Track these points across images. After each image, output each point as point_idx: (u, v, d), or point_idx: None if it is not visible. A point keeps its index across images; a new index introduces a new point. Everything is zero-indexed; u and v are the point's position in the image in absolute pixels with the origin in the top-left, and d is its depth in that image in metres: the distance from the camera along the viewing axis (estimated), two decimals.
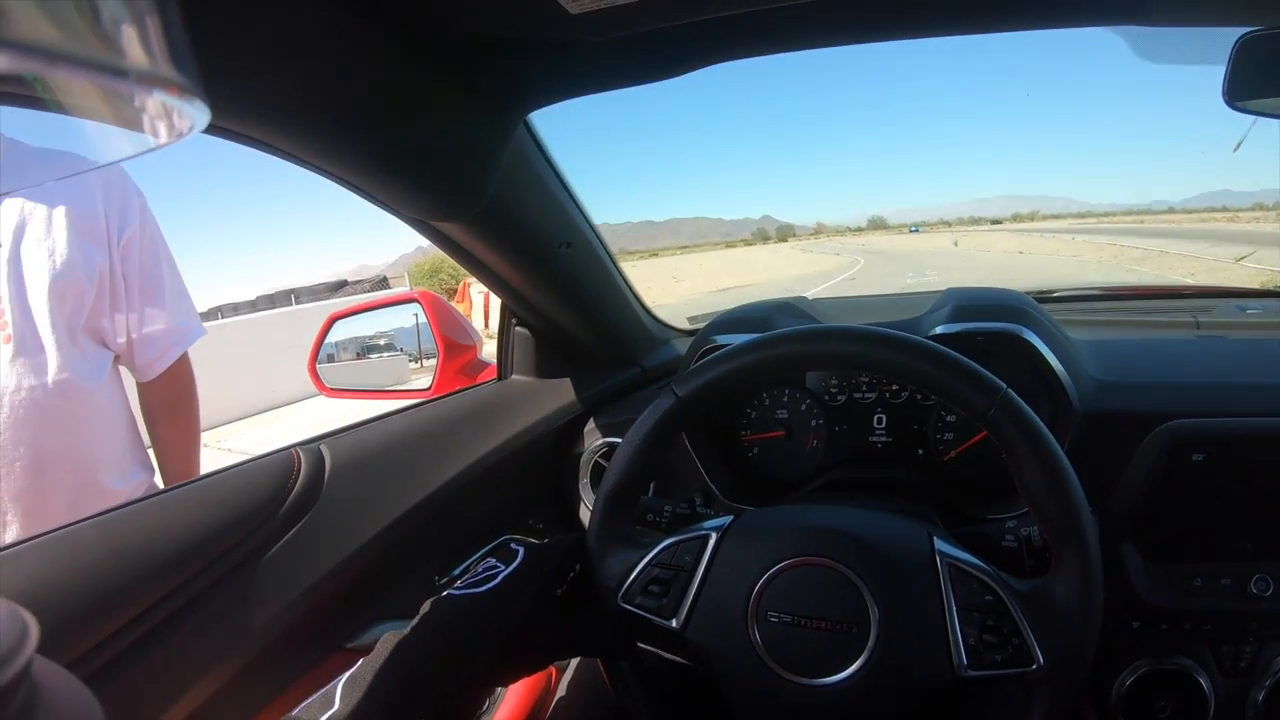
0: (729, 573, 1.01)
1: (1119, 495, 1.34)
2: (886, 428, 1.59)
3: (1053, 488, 0.92)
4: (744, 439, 1.66)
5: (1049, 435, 0.94)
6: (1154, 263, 24.46)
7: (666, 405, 1.07)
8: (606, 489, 1.09)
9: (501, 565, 1.04)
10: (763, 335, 1.05)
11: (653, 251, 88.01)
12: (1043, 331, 1.43)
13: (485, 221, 1.28)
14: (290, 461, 1.20)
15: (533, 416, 1.60)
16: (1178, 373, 1.53)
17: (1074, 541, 0.92)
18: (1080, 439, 1.39)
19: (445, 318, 1.81)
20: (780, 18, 1.04)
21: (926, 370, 0.98)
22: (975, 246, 44.57)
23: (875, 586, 0.94)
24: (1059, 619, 0.92)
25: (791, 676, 0.96)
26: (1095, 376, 1.46)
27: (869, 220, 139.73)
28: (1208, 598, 1.34)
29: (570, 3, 0.89)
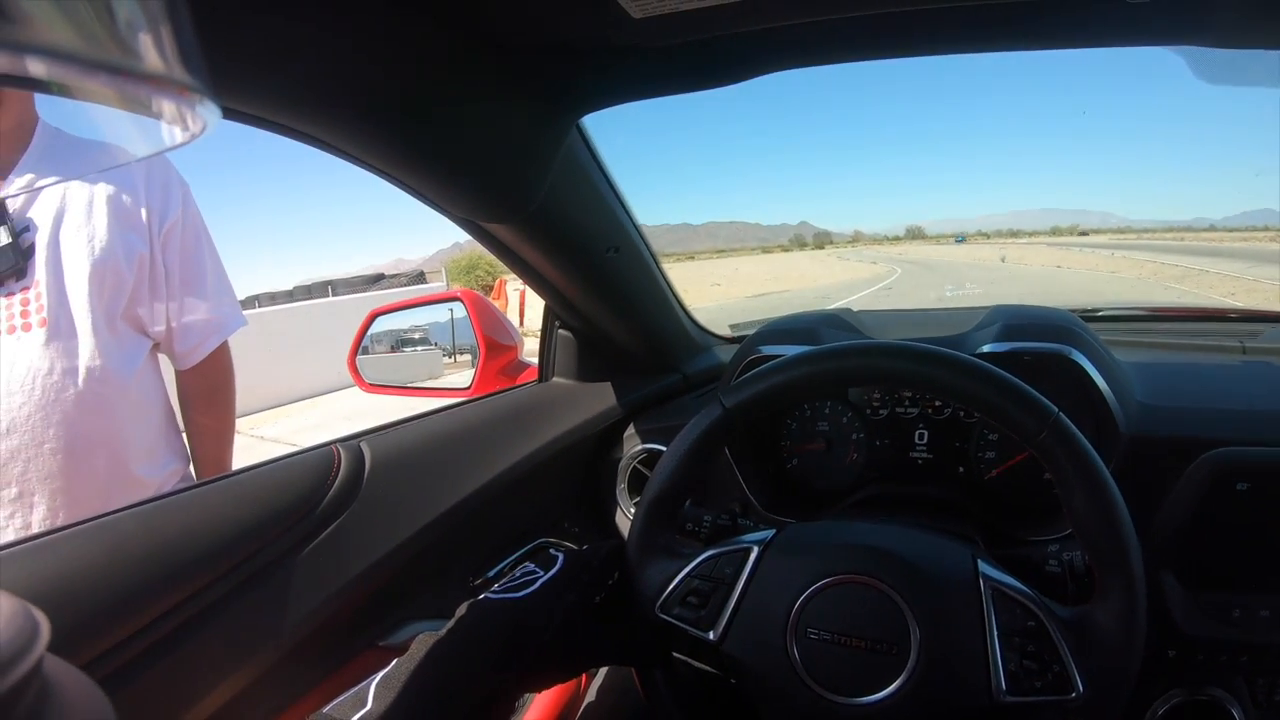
0: (770, 587, 1.01)
1: (1161, 522, 1.33)
2: (928, 444, 1.58)
3: (1101, 515, 0.92)
4: (784, 450, 1.66)
5: (1100, 462, 0.93)
6: (1194, 281, 24.20)
7: (714, 416, 1.07)
8: (649, 497, 1.09)
9: (540, 570, 1.05)
10: (813, 349, 1.05)
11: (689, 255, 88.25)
12: (1091, 353, 1.42)
13: (535, 223, 1.28)
14: (330, 458, 1.21)
15: (573, 420, 1.60)
16: (1223, 398, 1.51)
17: (1120, 570, 0.91)
18: (1124, 463, 1.37)
19: (487, 317, 1.81)
20: (837, 29, 1.04)
21: (978, 390, 0.98)
22: (1013, 259, 44.26)
23: (917, 607, 0.94)
24: (1101, 648, 0.91)
25: (829, 695, 0.95)
26: (1140, 400, 1.44)
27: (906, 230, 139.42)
28: (1246, 629, 1.31)
29: (633, 6, 0.88)
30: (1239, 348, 1.86)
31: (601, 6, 0.89)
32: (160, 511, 1.00)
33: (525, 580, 1.03)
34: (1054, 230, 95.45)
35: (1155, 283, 25.70)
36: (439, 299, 1.94)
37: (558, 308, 1.59)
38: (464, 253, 23.85)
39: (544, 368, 1.71)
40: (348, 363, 1.90)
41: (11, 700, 0.36)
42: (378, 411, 1.45)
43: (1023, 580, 0.98)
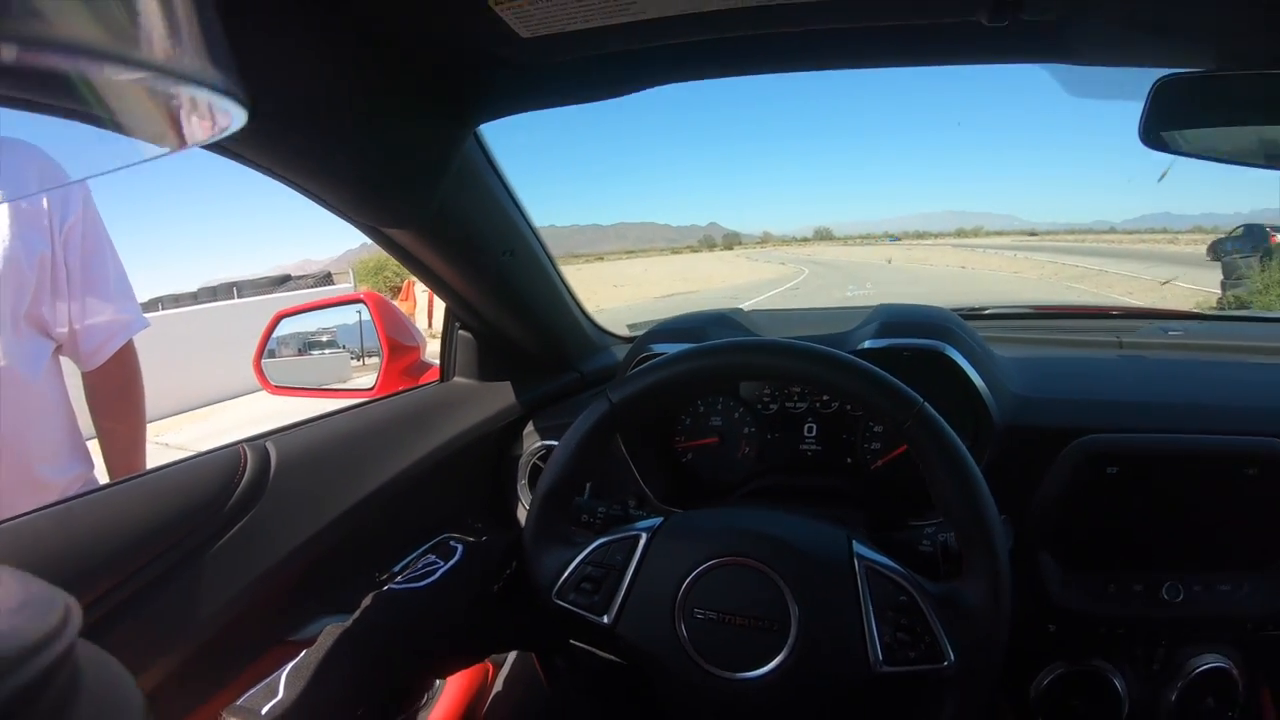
0: (658, 571, 1.07)
1: (1036, 505, 1.42)
2: (817, 436, 1.66)
3: (964, 497, 1.00)
4: (678, 445, 1.73)
5: (962, 447, 1.01)
6: (1093, 281, 24.84)
7: (601, 411, 1.13)
8: (542, 490, 1.15)
9: (441, 561, 1.10)
10: (695, 346, 1.12)
11: (599, 255, 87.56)
12: (965, 348, 1.51)
13: (433, 228, 1.33)
14: (237, 457, 1.24)
15: (474, 418, 1.65)
16: (1097, 390, 1.62)
17: (983, 547, 0.99)
18: (1000, 451, 1.47)
19: (390, 319, 1.84)
20: (716, 47, 1.11)
21: (848, 384, 1.05)
22: (919, 260, 44.84)
23: (795, 586, 1.00)
24: (969, 619, 0.98)
25: (716, 670, 1.01)
26: (1016, 392, 1.54)
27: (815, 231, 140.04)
28: (1120, 604, 1.41)
29: (521, 27, 0.93)
30: (1116, 342, 1.98)
31: (491, 27, 0.94)
32: (69, 514, 1.02)
33: (427, 571, 1.08)
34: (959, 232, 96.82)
35: (1056, 282, 26.32)
36: (343, 301, 1.96)
37: (457, 309, 1.64)
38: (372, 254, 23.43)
39: (445, 368, 1.75)
40: (253, 365, 1.91)
41: (43, 684, 0.37)
42: (287, 415, 1.46)
43: (897, 560, 1.05)
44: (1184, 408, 1.53)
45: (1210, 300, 15.10)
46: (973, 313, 2.31)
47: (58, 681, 0.39)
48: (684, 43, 1.07)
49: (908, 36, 1.13)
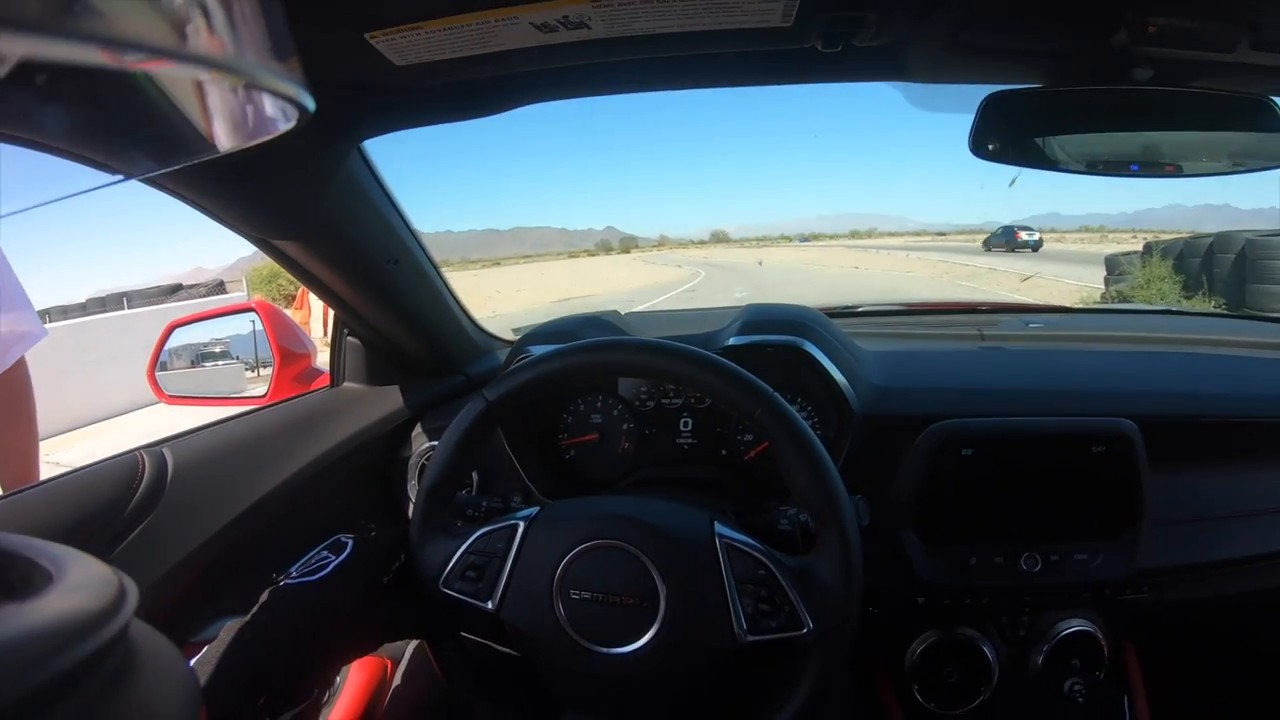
0: (536, 556, 1.16)
1: (898, 487, 1.55)
2: (692, 430, 1.79)
3: (813, 477, 1.10)
4: (562, 443, 1.84)
5: (811, 434, 1.12)
6: (983, 279, 25.32)
7: (478, 409, 1.22)
8: (426, 486, 1.24)
9: (332, 556, 1.18)
10: (564, 346, 1.22)
11: (496, 260, 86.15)
12: (823, 343, 1.65)
13: (319, 239, 1.41)
14: (134, 464, 1.30)
15: (364, 422, 1.73)
16: (955, 378, 1.77)
17: (834, 524, 1.09)
18: (861, 438, 1.61)
19: (281, 327, 1.89)
20: (582, 71, 1.17)
21: (703, 378, 1.15)
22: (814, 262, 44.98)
23: (662, 565, 1.10)
24: (823, 590, 1.09)
25: (593, 647, 1.12)
26: (875, 383, 1.68)
27: (711, 234, 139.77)
28: (982, 575, 1.54)
29: (395, 56, 0.99)
30: (978, 335, 2.11)
31: (367, 56, 1.02)
32: None
33: (319, 565, 1.15)
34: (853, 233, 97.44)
35: (947, 281, 26.73)
36: (234, 310, 1.99)
37: (345, 317, 1.72)
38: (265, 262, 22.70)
39: (335, 373, 1.83)
40: (147, 376, 1.93)
41: (100, 658, 0.41)
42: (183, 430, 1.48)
43: (758, 538, 1.15)
44: (1037, 393, 1.67)
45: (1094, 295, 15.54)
46: (846, 310, 2.46)
47: (115, 656, 0.43)
48: (547, 69, 1.15)
49: (752, 61, 1.23)
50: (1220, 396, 1.75)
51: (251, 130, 0.48)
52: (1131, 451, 1.47)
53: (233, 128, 0.47)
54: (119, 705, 0.43)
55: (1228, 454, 1.70)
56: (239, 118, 0.48)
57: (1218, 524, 1.64)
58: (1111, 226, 74.74)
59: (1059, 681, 1.69)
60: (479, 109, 1.31)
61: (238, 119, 0.47)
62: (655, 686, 1.12)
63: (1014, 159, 1.25)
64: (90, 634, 0.40)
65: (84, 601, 0.42)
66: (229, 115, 0.47)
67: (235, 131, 0.48)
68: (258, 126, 0.47)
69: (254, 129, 0.48)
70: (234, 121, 0.47)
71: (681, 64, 1.22)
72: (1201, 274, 12.62)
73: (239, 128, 0.48)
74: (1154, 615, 1.71)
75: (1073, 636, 1.67)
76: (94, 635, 0.40)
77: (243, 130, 0.48)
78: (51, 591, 0.42)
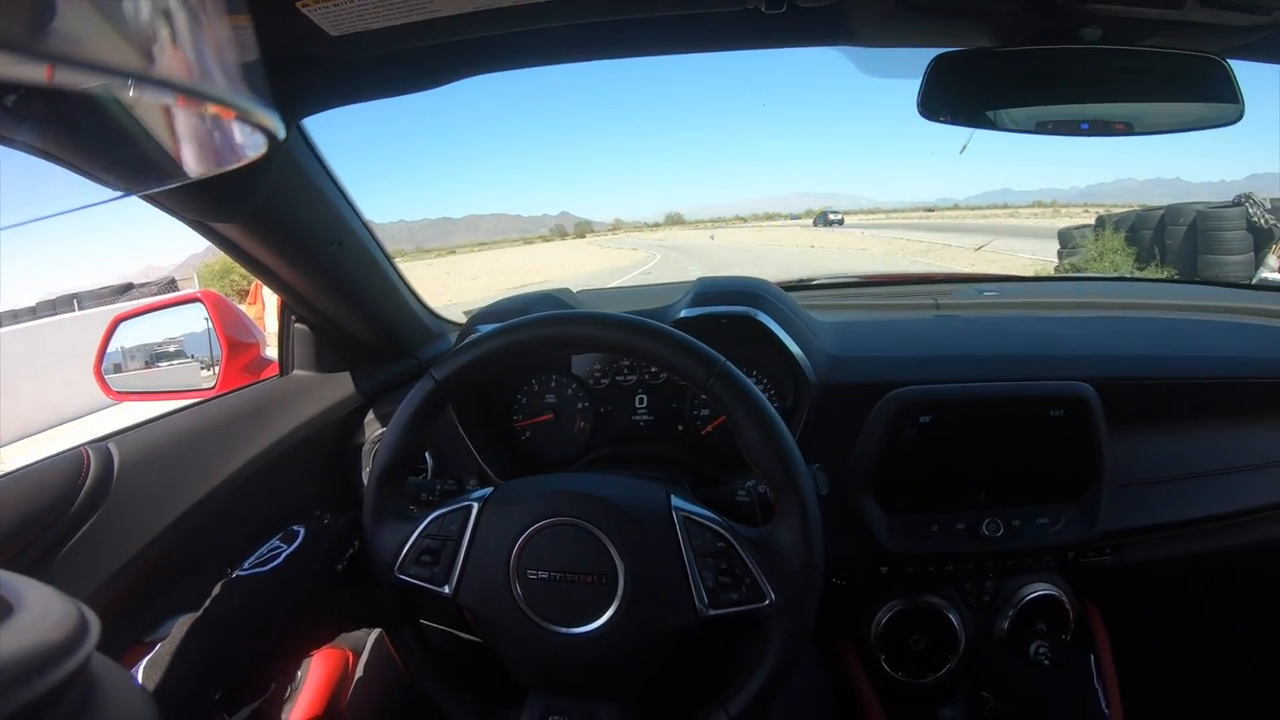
0: (491, 538, 1.14)
1: (856, 456, 1.56)
2: (648, 407, 1.78)
3: (768, 445, 1.09)
4: (516, 424, 1.83)
5: (764, 400, 1.11)
6: (937, 255, 25.67)
7: (427, 389, 1.20)
8: (377, 470, 1.21)
9: (285, 546, 1.16)
10: (512, 322, 1.19)
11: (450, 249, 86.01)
12: (776, 313, 1.65)
13: (259, 221, 1.37)
14: (79, 460, 1.27)
15: (314, 409, 1.70)
16: (910, 347, 1.77)
17: (791, 492, 1.08)
18: (818, 408, 1.60)
19: (228, 317, 1.86)
20: (521, 39, 1.16)
21: (652, 348, 1.13)
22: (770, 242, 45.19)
23: (619, 541, 1.09)
24: (783, 560, 1.08)
25: (553, 627, 1.11)
26: (831, 352, 1.68)
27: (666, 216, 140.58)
28: (944, 541, 1.55)
29: (329, 25, 0.96)
30: (933, 305, 2.12)
31: (301, 26, 0.99)
32: None
33: (271, 556, 1.14)
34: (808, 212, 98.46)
35: (902, 257, 27.02)
36: (180, 300, 1.95)
37: (291, 302, 1.68)
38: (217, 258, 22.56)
39: (284, 362, 1.80)
40: (94, 372, 1.88)
41: (59, 693, 0.41)
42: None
43: (716, 510, 1.15)
44: (993, 359, 1.68)
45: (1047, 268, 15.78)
46: (801, 283, 2.46)
47: (76, 689, 0.44)
48: (488, 36, 1.12)
49: (693, 24, 1.22)
50: (1174, 359, 1.76)
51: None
52: (1089, 414, 1.48)
53: (198, 148, 0.49)
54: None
55: (1183, 415, 1.72)
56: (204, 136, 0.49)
57: (1176, 485, 1.66)
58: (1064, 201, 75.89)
59: (1025, 645, 1.70)
60: (421, 81, 1.28)
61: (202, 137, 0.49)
62: (618, 664, 1.11)
63: (963, 120, 1.25)
64: (52, 667, 0.40)
65: (46, 634, 0.42)
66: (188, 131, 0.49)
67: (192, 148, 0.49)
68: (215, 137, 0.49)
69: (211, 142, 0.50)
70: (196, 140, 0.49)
71: (624, 29, 1.20)
72: (1154, 246, 12.83)
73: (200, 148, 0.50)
74: (1117, 576, 1.72)
75: (1037, 600, 1.70)
76: (56, 668, 0.40)
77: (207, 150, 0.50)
78: (11, 623, 0.42)
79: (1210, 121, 1.27)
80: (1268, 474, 1.67)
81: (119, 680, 0.51)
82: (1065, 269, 13.92)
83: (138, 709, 0.51)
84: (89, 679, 0.45)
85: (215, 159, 0.53)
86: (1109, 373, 1.65)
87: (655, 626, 1.09)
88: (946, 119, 1.21)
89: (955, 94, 1.21)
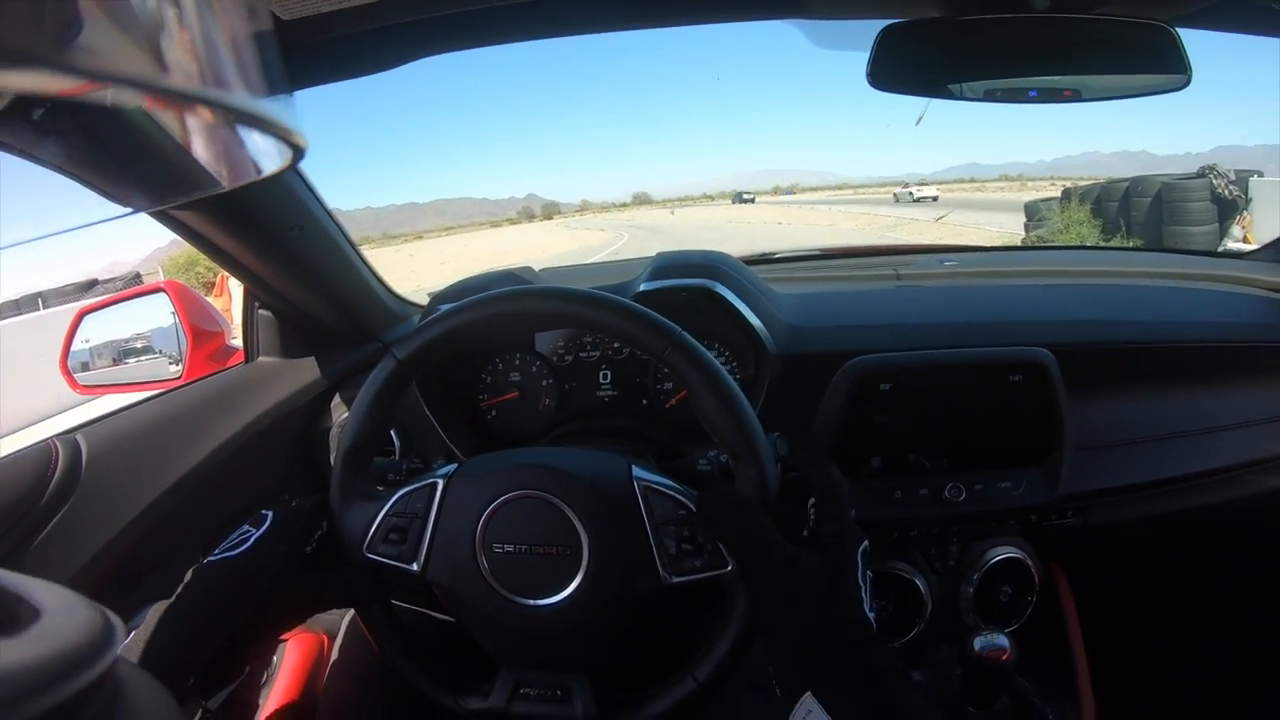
0: (456, 513, 1.15)
1: (818, 424, 1.57)
2: (612, 382, 1.79)
3: (725, 412, 1.09)
4: (482, 403, 1.84)
5: (720, 368, 1.11)
6: (905, 229, 25.84)
7: (389, 368, 1.19)
8: (342, 451, 1.21)
9: (253, 530, 1.16)
10: (469, 299, 1.19)
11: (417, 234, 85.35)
12: (735, 285, 1.65)
13: (219, 207, 1.36)
14: (47, 453, 1.28)
15: (281, 395, 1.70)
16: (871, 316, 1.78)
17: (750, 458, 1.09)
18: (779, 378, 1.61)
19: (192, 306, 1.85)
20: (475, 18, 1.14)
21: (611, 321, 1.13)
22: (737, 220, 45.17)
23: (581, 512, 1.10)
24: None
25: (520, 599, 1.12)
26: (791, 323, 1.69)
27: (633, 196, 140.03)
28: (907, 507, 1.57)
29: (280, 9, 0.96)
30: (894, 275, 2.13)
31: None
32: None
33: (240, 540, 1.14)
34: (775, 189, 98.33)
35: (870, 232, 27.08)
36: (144, 291, 1.94)
37: (254, 288, 1.67)
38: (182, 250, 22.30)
39: (249, 348, 1.79)
40: (60, 366, 1.87)
41: (85, 698, 0.40)
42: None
43: (678, 480, 1.16)
44: (953, 326, 1.70)
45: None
46: (763, 257, 2.48)
47: (103, 693, 0.43)
48: (442, 15, 1.13)
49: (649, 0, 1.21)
50: (1134, 324, 1.79)
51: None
52: (1049, 379, 1.51)
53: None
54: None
55: (1144, 379, 1.75)
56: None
57: (1137, 448, 1.69)
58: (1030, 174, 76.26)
59: (990, 609, 1.73)
60: (376, 63, 1.28)
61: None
62: (586, 634, 1.13)
63: (912, 90, 1.27)
64: (80, 670, 0.40)
65: (72, 637, 0.41)
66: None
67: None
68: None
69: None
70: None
71: (575, 5, 1.20)
72: (1119, 217, 12.98)
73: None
74: (1080, 539, 1.75)
75: (1002, 564, 1.71)
76: (84, 671, 0.40)
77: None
78: (38, 628, 0.42)
79: (1158, 88, 1.30)
80: (1226, 437, 1.70)
81: (143, 683, 0.52)
82: (1032, 241, 14.02)
83: (163, 711, 0.52)
84: (116, 682, 0.46)
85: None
86: (1069, 338, 1.67)
87: (620, 595, 1.10)
88: (896, 89, 1.23)
89: (904, 64, 1.23)
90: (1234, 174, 12.13)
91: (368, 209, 67.68)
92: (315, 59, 1.23)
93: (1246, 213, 11.98)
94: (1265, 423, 1.73)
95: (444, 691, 1.19)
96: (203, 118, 0.43)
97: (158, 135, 0.49)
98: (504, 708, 1.16)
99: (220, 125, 0.45)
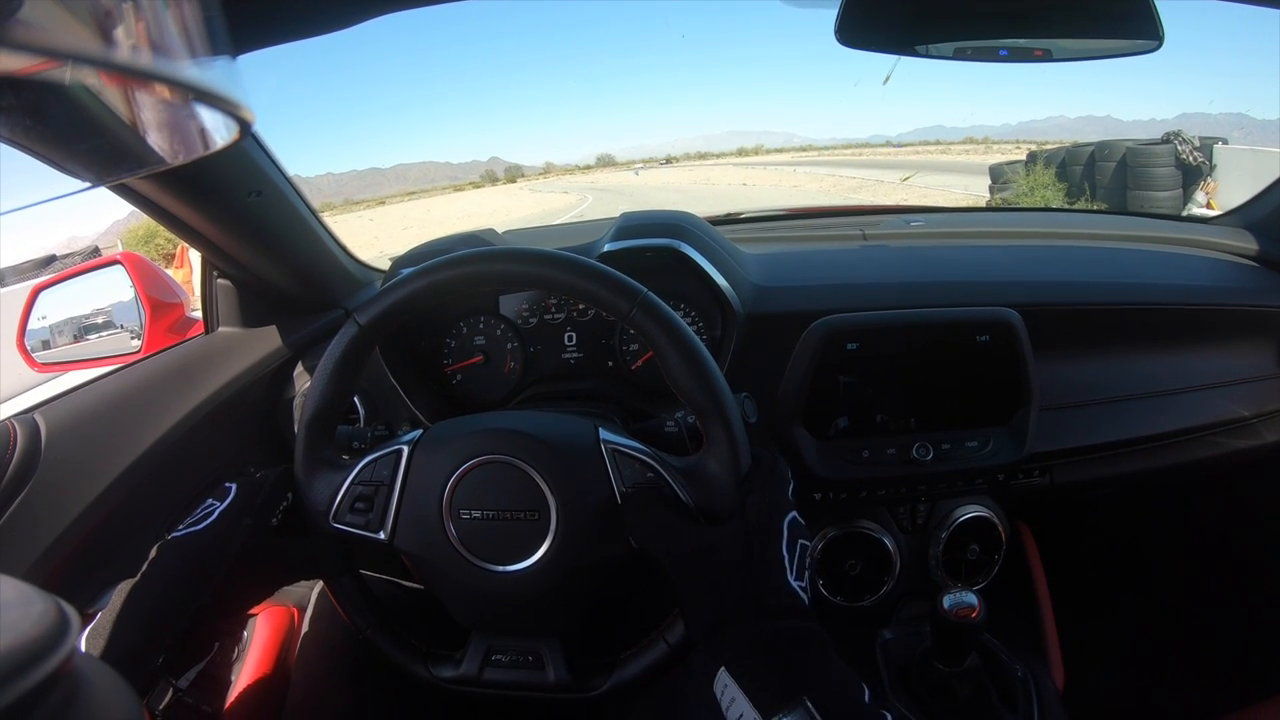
0: (422, 480, 1.13)
1: (785, 384, 1.56)
2: (577, 344, 1.78)
3: (693, 374, 1.07)
4: (446, 368, 1.82)
5: (687, 329, 1.09)
6: (870, 191, 25.88)
7: (351, 334, 1.16)
8: (306, 419, 1.19)
9: (217, 503, 1.14)
10: (431, 262, 1.16)
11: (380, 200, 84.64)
12: (701, 245, 1.64)
13: (171, 174, 1.31)
14: (4, 434, 1.25)
15: (242, 365, 1.67)
16: (836, 276, 1.77)
17: (717, 419, 1.08)
18: (746, 338, 1.61)
19: (150, 278, 1.82)
20: None
21: (575, 281, 1.11)
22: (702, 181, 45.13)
23: (549, 476, 1.09)
24: (712, 485, 1.08)
25: (489, 566, 1.11)
26: (757, 283, 1.68)
27: (597, 158, 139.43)
28: (875, 466, 1.56)
29: None
30: (860, 235, 2.13)
31: None
32: None
33: (204, 514, 1.12)
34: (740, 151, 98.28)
35: (835, 194, 27.11)
36: (100, 264, 1.91)
37: (212, 257, 1.63)
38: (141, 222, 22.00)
39: (208, 319, 1.76)
40: (17, 345, 1.84)
41: (42, 693, 0.40)
42: None
43: (645, 442, 1.15)
44: (920, 286, 1.70)
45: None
46: (728, 217, 2.49)
47: (61, 687, 0.43)
48: None
49: None
50: (1100, 285, 1.79)
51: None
52: (1015, 339, 1.50)
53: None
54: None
55: (1108, 341, 1.75)
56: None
57: (1103, 408, 1.70)
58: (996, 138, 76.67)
59: (959, 567, 1.76)
60: (327, 23, 1.23)
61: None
62: (557, 599, 1.12)
63: (880, 47, 1.24)
64: (35, 665, 0.39)
65: (27, 631, 0.41)
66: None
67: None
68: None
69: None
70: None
71: None
72: (1084, 181, 13.11)
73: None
74: (1047, 498, 1.76)
75: (969, 522, 1.74)
76: (39, 666, 0.40)
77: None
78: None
79: (1130, 50, 1.28)
80: (1189, 398, 1.72)
81: (102, 675, 0.50)
82: (997, 204, 14.11)
83: (123, 703, 0.50)
84: (73, 675, 0.45)
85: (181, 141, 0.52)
86: (1035, 299, 1.67)
87: (589, 559, 1.09)
88: (864, 46, 1.21)
89: (874, 20, 1.20)
90: (1199, 140, 12.28)
91: (328, 175, 66.90)
92: (268, 17, 1.19)
93: (1211, 179, 12.14)
94: (1227, 384, 1.74)
95: (415, 661, 1.18)
96: (147, 92, 0.41)
97: (102, 111, 0.48)
98: (476, 675, 1.16)
99: (165, 100, 0.43)
